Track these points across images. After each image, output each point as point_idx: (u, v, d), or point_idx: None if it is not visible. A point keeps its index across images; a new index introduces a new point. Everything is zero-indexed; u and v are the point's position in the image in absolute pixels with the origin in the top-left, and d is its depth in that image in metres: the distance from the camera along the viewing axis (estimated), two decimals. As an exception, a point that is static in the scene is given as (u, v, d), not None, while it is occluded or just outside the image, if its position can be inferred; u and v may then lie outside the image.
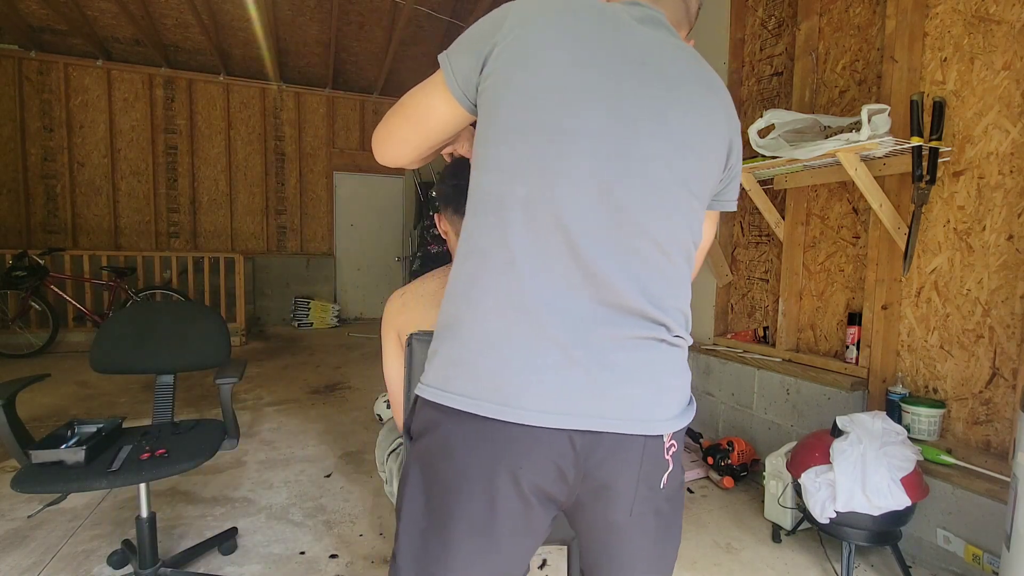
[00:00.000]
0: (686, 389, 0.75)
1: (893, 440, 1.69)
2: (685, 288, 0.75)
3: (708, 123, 0.74)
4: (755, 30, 2.75)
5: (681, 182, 0.71)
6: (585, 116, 0.67)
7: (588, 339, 0.67)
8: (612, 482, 0.69)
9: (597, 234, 0.67)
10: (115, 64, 6.11)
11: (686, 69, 0.74)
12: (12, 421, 1.45)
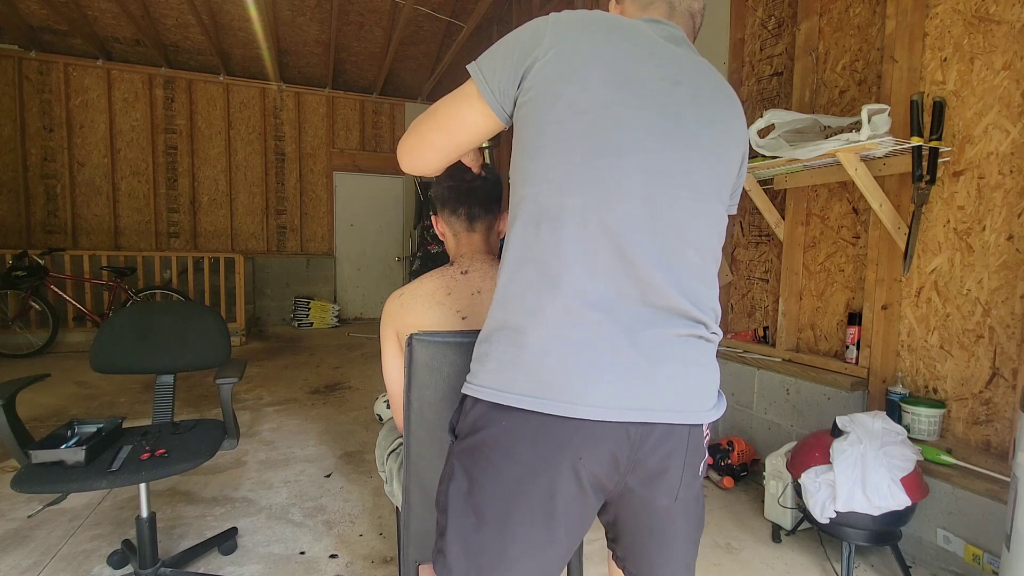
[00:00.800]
0: (717, 382, 0.82)
1: (893, 440, 1.69)
2: (716, 288, 0.83)
3: (732, 135, 0.82)
4: (755, 30, 2.75)
5: (715, 192, 0.79)
6: (633, 132, 0.73)
7: (639, 338, 0.73)
8: (662, 469, 0.76)
9: (645, 242, 0.73)
10: (115, 64, 6.11)
11: (711, 85, 0.81)
12: (12, 421, 1.45)
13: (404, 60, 6.59)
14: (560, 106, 0.73)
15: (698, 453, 0.81)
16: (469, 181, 1.30)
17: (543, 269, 0.73)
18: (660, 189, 0.74)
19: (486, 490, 0.75)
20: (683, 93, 0.77)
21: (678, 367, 0.75)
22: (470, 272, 1.28)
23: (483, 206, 1.31)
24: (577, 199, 0.72)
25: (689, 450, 0.78)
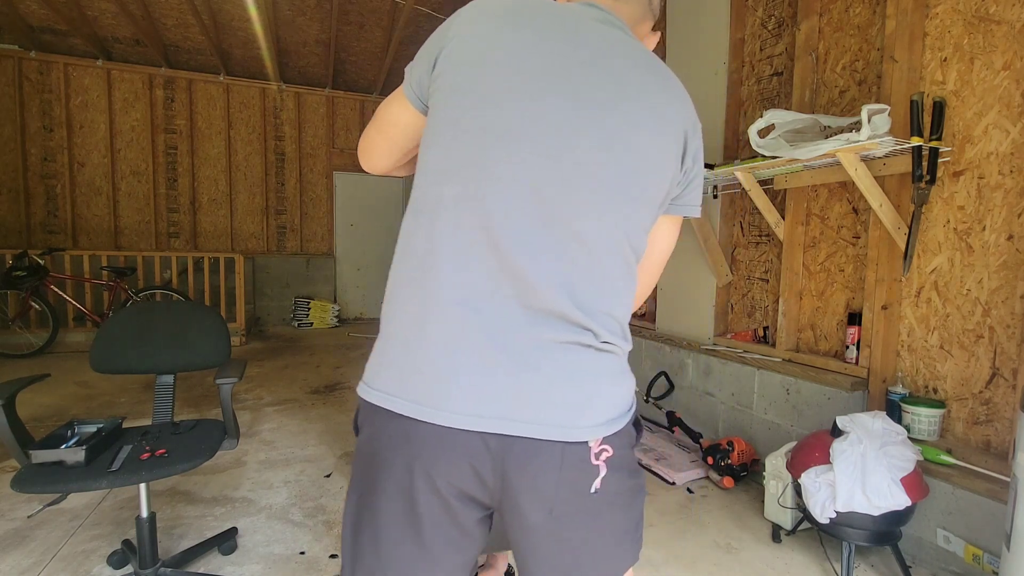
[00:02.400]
0: (620, 396, 0.73)
1: (893, 440, 1.69)
2: (619, 294, 0.73)
3: (657, 124, 0.71)
4: (755, 30, 2.75)
5: (618, 185, 0.69)
6: (522, 118, 0.67)
7: (509, 341, 0.66)
8: (529, 486, 0.68)
9: (524, 235, 0.66)
10: (115, 64, 6.11)
11: (638, 69, 0.72)
12: (12, 421, 1.45)
13: (404, 60, 6.58)
14: (456, 94, 0.69)
15: (584, 471, 0.69)
16: None
17: (418, 263, 0.69)
18: (546, 178, 0.67)
19: (359, 500, 0.72)
20: (594, 75, 0.69)
21: (553, 376, 0.67)
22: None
23: None
24: (454, 188, 0.68)
25: (565, 468, 0.68)
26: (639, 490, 0.77)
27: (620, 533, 0.75)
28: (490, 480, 0.68)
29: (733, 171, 2.43)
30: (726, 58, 2.82)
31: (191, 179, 6.53)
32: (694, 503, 2.30)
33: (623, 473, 0.73)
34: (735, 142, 2.82)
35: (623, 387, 0.74)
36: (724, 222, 2.90)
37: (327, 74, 6.71)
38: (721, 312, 2.95)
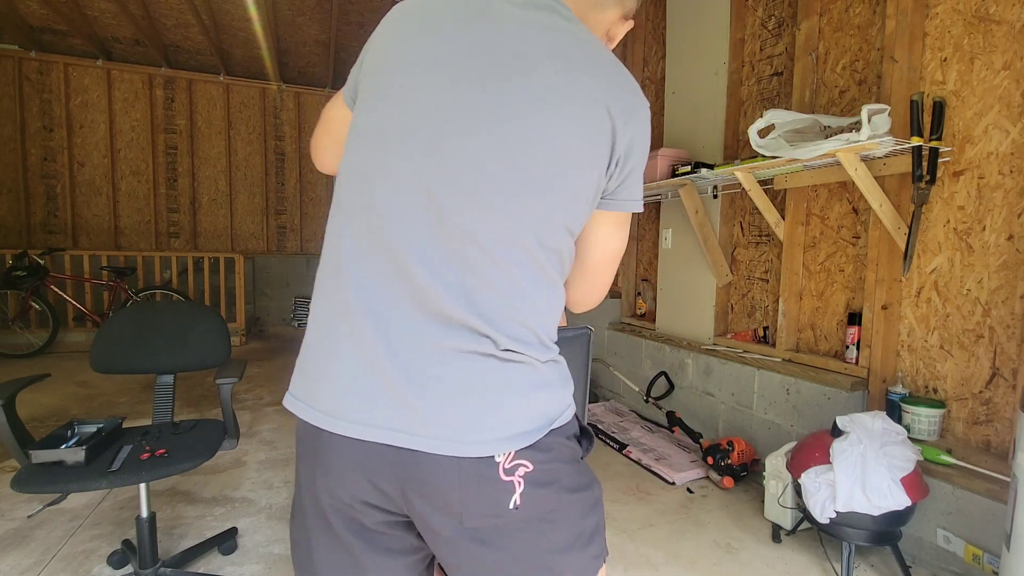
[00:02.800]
0: (533, 408, 0.67)
1: (893, 440, 1.69)
2: (528, 298, 0.67)
3: (570, 111, 0.65)
4: (755, 30, 2.75)
5: (521, 183, 0.64)
6: (406, 114, 0.65)
7: (405, 350, 0.64)
8: (430, 500, 0.65)
9: (415, 238, 0.64)
10: (115, 64, 6.11)
11: (558, 56, 0.66)
12: (12, 421, 1.45)
13: (404, 60, 6.58)
14: (361, 96, 0.70)
15: (493, 486, 0.64)
16: None
17: (330, 268, 0.69)
18: (439, 179, 0.63)
19: (293, 509, 0.73)
20: (500, 66, 0.64)
21: (449, 387, 0.63)
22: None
23: None
24: (351, 193, 0.68)
25: (468, 483, 0.64)
26: (587, 505, 0.72)
27: (560, 550, 0.70)
28: (391, 492, 0.65)
29: (733, 171, 2.43)
30: (726, 58, 2.81)
31: (191, 179, 6.53)
32: (694, 503, 2.30)
33: (553, 489, 0.68)
34: (735, 142, 2.82)
35: (538, 398, 0.68)
36: (724, 222, 2.90)
37: (327, 74, 6.71)
38: (721, 312, 2.95)
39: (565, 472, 0.70)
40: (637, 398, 3.34)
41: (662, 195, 3.18)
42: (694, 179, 2.71)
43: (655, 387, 3.19)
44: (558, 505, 0.69)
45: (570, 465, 0.71)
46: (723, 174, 2.52)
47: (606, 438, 2.99)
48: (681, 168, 2.72)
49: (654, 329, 3.36)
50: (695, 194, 2.83)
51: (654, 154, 2.92)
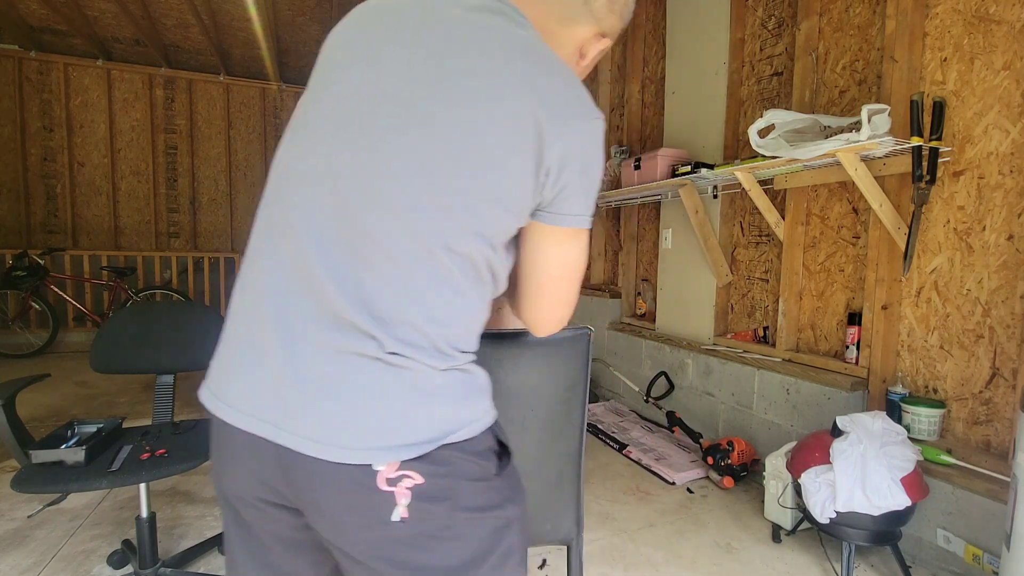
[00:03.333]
0: (421, 416, 0.64)
1: (893, 440, 1.69)
2: (424, 304, 0.64)
3: (498, 122, 0.63)
4: (755, 30, 2.75)
5: (433, 187, 0.63)
6: (333, 115, 0.66)
7: (296, 345, 0.63)
8: (313, 501, 0.64)
9: (323, 235, 0.64)
10: (115, 64, 6.11)
11: (492, 60, 0.64)
12: (12, 421, 1.45)
13: (404, 60, 6.58)
14: (306, 92, 0.73)
15: (373, 496, 0.61)
16: None
17: (246, 257, 0.72)
18: (344, 174, 0.64)
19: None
20: (429, 69, 0.64)
21: (328, 387, 0.62)
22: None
23: None
24: (273, 185, 0.71)
25: (344, 490, 0.62)
26: (495, 525, 0.68)
27: (459, 570, 0.67)
28: (282, 488, 0.65)
29: (733, 171, 2.43)
30: (726, 58, 2.81)
31: (191, 179, 6.53)
32: (694, 503, 2.30)
33: (447, 505, 0.64)
34: (735, 142, 2.82)
35: (428, 408, 0.64)
36: (724, 222, 2.90)
37: (327, 74, 6.71)
38: (721, 312, 2.95)
39: (466, 489, 0.66)
40: (637, 398, 3.34)
41: (662, 195, 3.18)
42: (694, 179, 2.71)
43: (655, 387, 3.19)
44: (453, 523, 0.65)
45: (474, 483, 0.67)
46: (723, 174, 2.52)
47: (606, 438, 2.99)
48: (681, 168, 2.72)
49: (654, 329, 3.36)
50: (695, 194, 2.83)
51: (654, 154, 2.92)
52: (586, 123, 0.66)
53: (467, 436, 0.66)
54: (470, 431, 0.67)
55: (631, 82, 3.71)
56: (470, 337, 0.70)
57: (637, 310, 3.66)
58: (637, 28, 3.64)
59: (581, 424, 1.17)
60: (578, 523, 1.22)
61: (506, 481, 0.72)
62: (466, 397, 0.68)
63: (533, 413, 1.11)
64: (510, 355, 1.06)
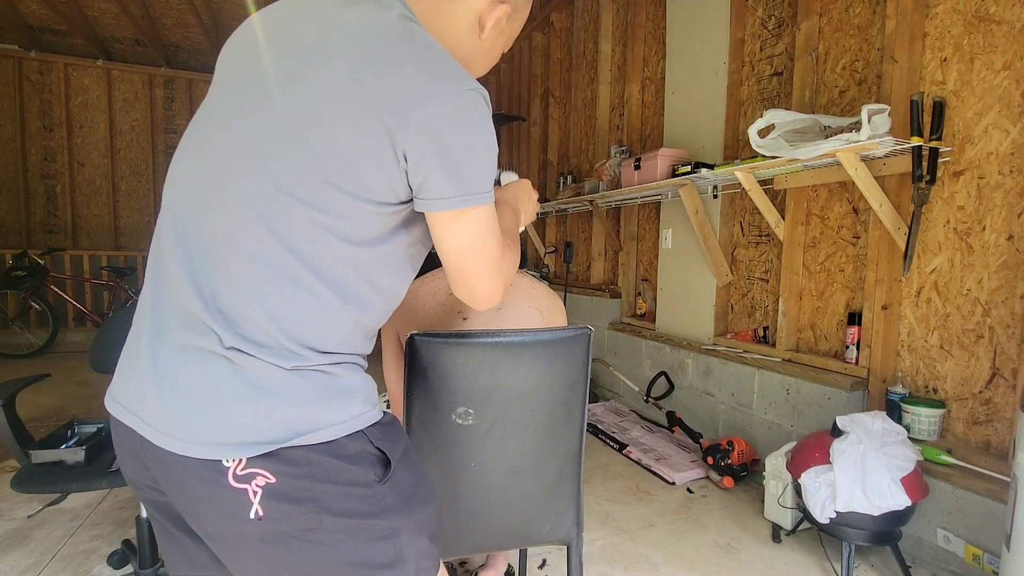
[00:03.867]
0: (267, 414, 0.64)
1: (893, 440, 1.69)
2: (268, 301, 0.64)
3: (346, 115, 0.63)
4: (755, 30, 2.75)
5: (273, 180, 0.64)
6: (202, 120, 0.71)
7: (161, 342, 0.66)
8: (178, 493, 0.65)
9: (183, 235, 0.67)
10: (115, 64, 6.11)
11: (348, 53, 0.65)
12: (12, 421, 1.45)
13: (404, 60, 6.57)
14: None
15: (220, 491, 0.62)
16: None
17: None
18: (203, 179, 0.67)
19: None
20: (294, 71, 0.66)
21: (177, 382, 0.64)
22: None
23: None
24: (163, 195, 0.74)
25: (197, 484, 0.63)
26: (372, 534, 0.68)
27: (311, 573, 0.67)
28: (156, 477, 0.67)
29: (733, 171, 2.43)
30: (726, 58, 2.81)
31: (191, 179, 6.53)
32: (694, 503, 2.30)
33: (309, 507, 0.64)
34: (735, 142, 2.82)
35: (274, 407, 0.64)
36: (724, 222, 2.90)
37: (327, 74, 6.72)
38: (721, 312, 2.95)
39: (333, 493, 0.65)
40: (637, 398, 3.34)
41: (662, 195, 3.18)
42: (694, 179, 2.71)
43: (655, 387, 3.19)
44: (319, 526, 0.64)
45: (343, 487, 0.66)
46: (723, 174, 2.52)
47: (606, 438, 2.99)
48: (681, 168, 2.72)
49: (654, 329, 3.36)
50: (695, 194, 2.83)
51: (654, 154, 2.92)
52: (441, 105, 0.64)
53: (327, 438, 0.65)
54: (330, 434, 0.65)
55: (631, 82, 3.71)
56: (334, 338, 0.69)
57: (637, 310, 3.66)
58: (637, 28, 3.64)
59: (581, 424, 1.17)
60: (578, 523, 1.22)
61: (392, 490, 0.70)
62: (322, 399, 0.66)
63: (533, 413, 1.11)
64: (510, 355, 1.06)
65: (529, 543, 1.25)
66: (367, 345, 0.76)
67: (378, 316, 0.75)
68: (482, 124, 0.67)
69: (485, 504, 1.13)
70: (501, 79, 6.14)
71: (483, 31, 0.80)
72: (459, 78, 0.66)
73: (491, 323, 1.24)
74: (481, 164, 0.69)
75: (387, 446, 0.71)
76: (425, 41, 0.68)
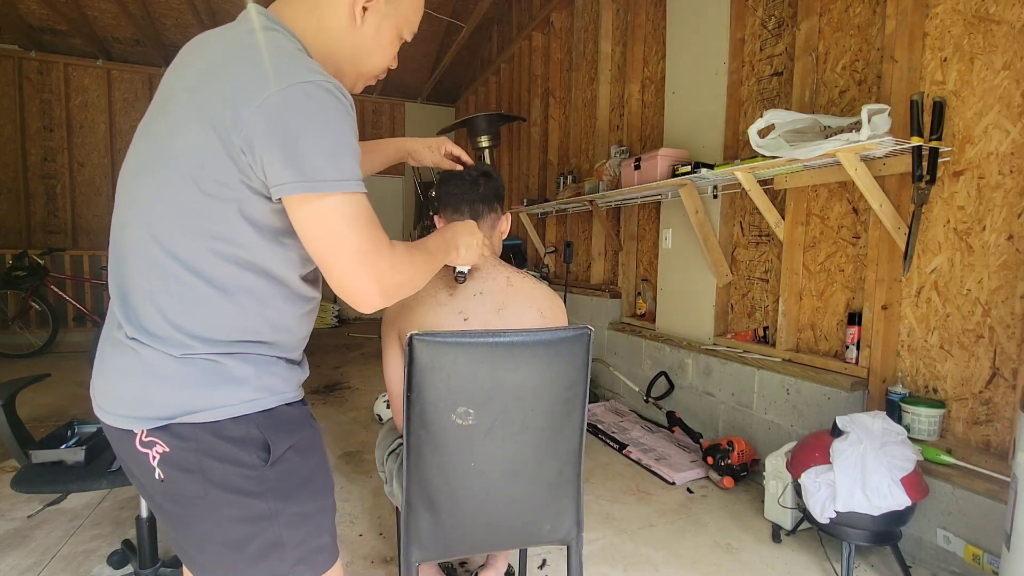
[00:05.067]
0: (157, 394, 0.75)
1: (893, 440, 1.69)
2: (154, 296, 0.74)
3: (192, 115, 0.72)
4: (755, 30, 2.75)
5: (145, 196, 0.76)
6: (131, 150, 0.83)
7: (104, 336, 0.83)
8: (122, 463, 0.83)
9: (114, 246, 0.80)
10: (115, 64, 6.11)
11: (198, 69, 0.77)
12: (12, 421, 1.45)
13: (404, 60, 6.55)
14: None
15: (137, 459, 0.76)
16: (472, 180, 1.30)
17: None
18: (121, 202, 0.80)
19: None
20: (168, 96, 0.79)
21: (105, 367, 0.80)
22: (472, 273, 1.28)
23: (486, 204, 1.32)
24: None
25: (120, 446, 0.79)
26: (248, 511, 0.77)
27: (205, 538, 0.78)
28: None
29: (733, 171, 2.43)
30: (726, 58, 2.81)
31: (191, 179, 6.53)
32: (694, 503, 2.30)
33: (197, 478, 0.75)
34: (735, 142, 2.82)
35: (163, 388, 0.75)
36: (724, 222, 2.90)
37: (327, 74, 6.71)
38: (721, 312, 2.95)
39: (217, 468, 0.76)
40: (637, 398, 3.34)
41: (662, 195, 3.18)
42: (694, 179, 2.71)
43: (655, 387, 3.19)
44: (204, 495, 0.76)
45: (226, 464, 0.76)
46: (723, 174, 2.52)
47: (606, 438, 2.99)
48: (681, 168, 2.72)
49: (654, 329, 3.36)
50: (695, 194, 2.83)
51: (654, 154, 2.92)
52: (270, 99, 0.69)
53: (212, 419, 0.75)
54: (213, 415, 0.75)
55: (631, 82, 3.71)
56: (223, 329, 0.77)
57: (637, 310, 3.66)
58: (637, 28, 3.64)
59: (581, 424, 1.17)
60: (578, 523, 1.22)
61: (278, 476, 0.79)
62: (210, 384, 0.76)
63: (533, 413, 1.11)
64: (510, 355, 1.06)
65: (529, 543, 1.25)
66: (280, 336, 0.83)
67: (280, 307, 0.81)
68: (318, 114, 0.70)
69: (485, 504, 1.13)
70: (501, 79, 6.14)
71: (360, 19, 0.84)
72: (293, 73, 0.71)
73: (491, 323, 1.24)
74: (321, 152, 0.71)
75: (273, 435, 0.78)
76: (267, 45, 0.75)
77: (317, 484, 0.84)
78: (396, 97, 7.56)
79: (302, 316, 0.87)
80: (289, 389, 0.84)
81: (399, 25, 0.89)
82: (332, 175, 0.71)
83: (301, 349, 0.91)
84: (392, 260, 0.79)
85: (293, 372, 0.86)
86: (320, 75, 0.72)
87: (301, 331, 0.88)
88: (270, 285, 0.79)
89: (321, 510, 0.83)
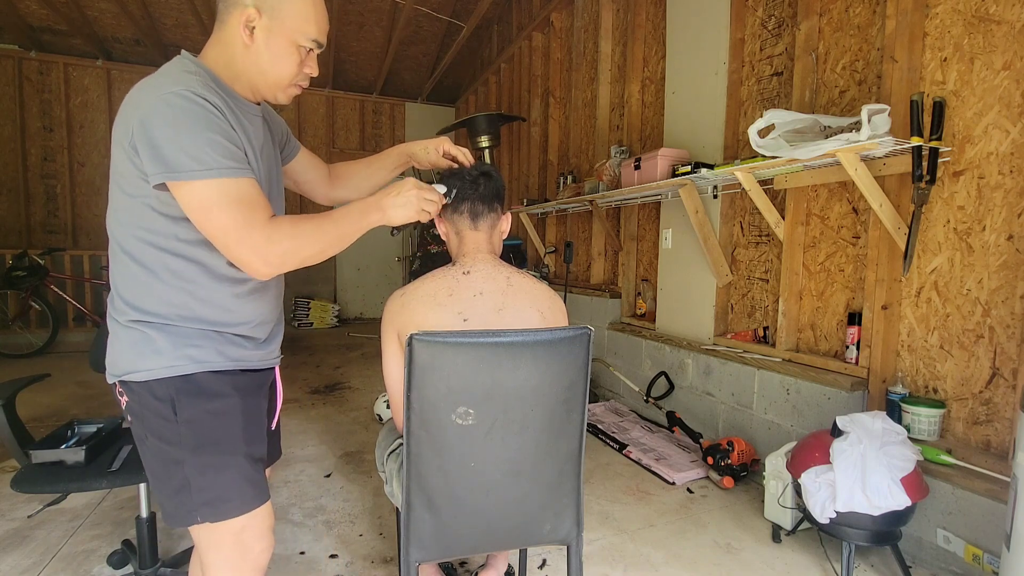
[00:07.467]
0: (112, 355, 1.02)
1: (893, 440, 1.69)
2: (115, 278, 1.00)
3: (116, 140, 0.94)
4: (755, 30, 2.75)
5: (109, 199, 0.99)
6: None
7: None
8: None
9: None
10: (115, 64, 6.11)
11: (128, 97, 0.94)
12: (12, 421, 1.45)
13: (404, 60, 6.58)
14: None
15: (119, 398, 1.04)
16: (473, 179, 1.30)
17: None
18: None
19: None
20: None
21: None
22: (472, 273, 1.28)
23: (486, 203, 1.32)
24: None
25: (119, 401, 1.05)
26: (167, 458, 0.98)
27: (152, 476, 1.02)
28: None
29: (733, 171, 2.43)
30: (726, 58, 2.81)
31: (191, 179, 6.52)
32: (694, 503, 2.30)
33: (140, 424, 1.01)
34: (735, 142, 2.82)
35: (115, 350, 1.01)
36: (724, 222, 2.90)
37: (327, 74, 6.71)
38: (721, 312, 2.95)
39: (150, 417, 0.99)
40: (637, 398, 3.34)
41: (662, 195, 3.18)
42: (694, 179, 2.71)
43: (655, 387, 3.19)
44: (146, 438, 1.01)
45: (155, 416, 0.99)
46: (723, 174, 2.52)
47: (606, 438, 2.99)
48: (681, 168, 2.72)
49: (654, 329, 3.36)
50: (695, 194, 2.83)
51: (654, 154, 2.92)
52: (142, 106, 0.89)
53: (142, 379, 0.98)
54: (142, 376, 0.97)
55: (631, 82, 3.71)
56: (151, 301, 0.97)
57: (637, 310, 3.66)
58: (637, 28, 3.64)
59: (581, 424, 1.17)
60: (578, 523, 1.22)
61: (186, 429, 0.98)
62: (138, 350, 0.98)
63: (533, 413, 1.11)
64: (510, 355, 1.06)
65: (529, 543, 1.25)
66: (216, 312, 1.01)
67: (206, 285, 0.99)
68: (176, 117, 0.88)
69: (485, 504, 1.13)
70: (501, 79, 6.14)
71: (248, 39, 0.98)
72: (162, 87, 0.89)
73: (491, 323, 1.24)
74: (180, 148, 0.87)
75: (184, 397, 0.98)
76: (159, 74, 0.94)
77: (225, 445, 1.00)
78: (396, 97, 7.56)
79: (238, 296, 1.03)
80: (219, 359, 1.01)
81: (289, 35, 0.99)
82: (190, 165, 0.87)
83: (260, 327, 1.09)
84: (267, 232, 0.92)
85: (235, 347, 1.04)
86: (181, 86, 0.89)
87: (245, 311, 1.05)
88: (189, 265, 0.97)
89: (225, 465, 0.99)
